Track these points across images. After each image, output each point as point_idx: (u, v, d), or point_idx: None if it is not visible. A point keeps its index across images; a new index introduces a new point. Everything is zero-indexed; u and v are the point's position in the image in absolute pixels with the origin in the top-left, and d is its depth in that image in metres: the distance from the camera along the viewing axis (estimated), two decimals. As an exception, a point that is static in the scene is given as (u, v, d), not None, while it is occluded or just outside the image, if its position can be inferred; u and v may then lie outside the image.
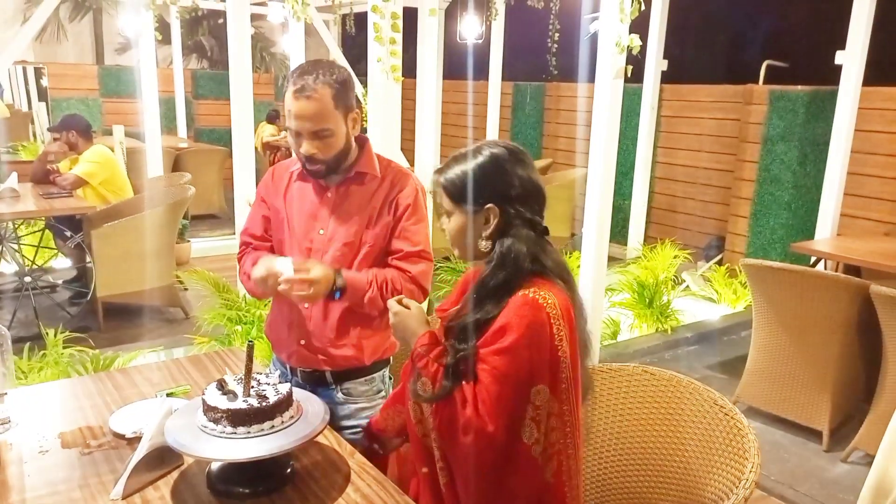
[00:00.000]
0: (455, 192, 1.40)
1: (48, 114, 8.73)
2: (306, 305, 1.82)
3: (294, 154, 1.84)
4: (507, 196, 1.37)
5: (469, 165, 1.39)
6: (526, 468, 1.30)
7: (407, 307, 1.46)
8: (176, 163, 7.45)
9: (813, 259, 4.31)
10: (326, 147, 1.74)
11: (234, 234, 5.09)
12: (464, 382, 1.30)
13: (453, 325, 1.39)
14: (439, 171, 1.44)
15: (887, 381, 2.96)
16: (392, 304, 1.48)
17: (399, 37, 3.17)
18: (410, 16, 3.76)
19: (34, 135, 8.66)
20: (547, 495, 1.34)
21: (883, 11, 4.37)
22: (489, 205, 1.37)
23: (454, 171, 1.40)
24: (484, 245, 1.39)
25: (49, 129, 5.26)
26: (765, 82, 6.16)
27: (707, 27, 7.82)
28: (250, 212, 2.01)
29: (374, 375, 1.90)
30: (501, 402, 1.26)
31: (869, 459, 1.86)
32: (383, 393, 1.92)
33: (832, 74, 4.67)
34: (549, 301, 1.29)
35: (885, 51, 4.54)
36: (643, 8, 3.55)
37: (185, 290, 4.93)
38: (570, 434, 1.35)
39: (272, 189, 1.94)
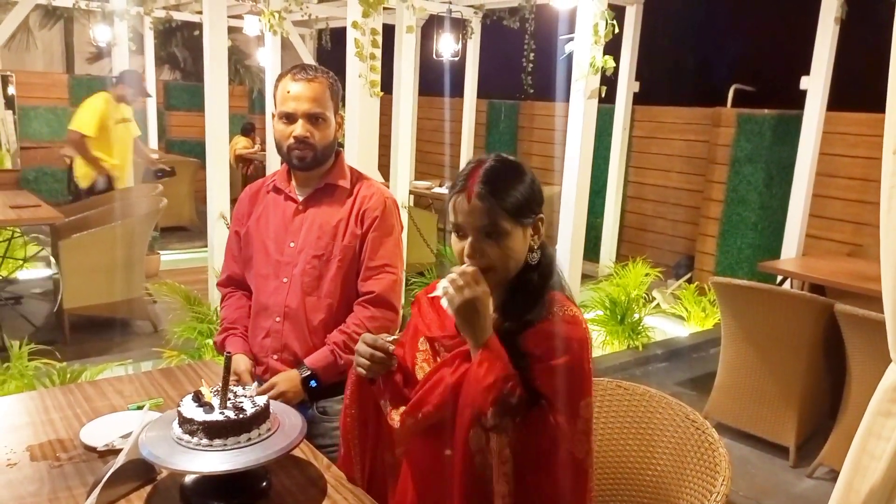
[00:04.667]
0: (518, 211, 1.30)
1: (15, 123, 8.55)
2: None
3: (280, 149, 1.80)
4: (542, 201, 1.36)
5: (523, 179, 1.32)
6: (583, 480, 1.29)
7: (479, 283, 1.25)
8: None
9: (779, 278, 4.41)
10: (319, 133, 1.75)
11: (205, 246, 5.04)
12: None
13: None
14: (484, 196, 1.27)
15: (851, 397, 3.03)
16: (474, 279, 1.25)
17: (378, 52, 3.20)
18: (387, 32, 3.80)
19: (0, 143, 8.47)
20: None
21: (846, 39, 4.52)
22: (541, 213, 1.34)
23: (515, 190, 1.30)
24: (533, 256, 1.34)
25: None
26: (733, 105, 6.32)
27: (678, 51, 8.01)
28: (227, 246, 1.98)
29: None
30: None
31: (834, 475, 1.91)
32: None
33: (797, 99, 4.80)
34: (580, 316, 1.33)
35: (848, 77, 4.69)
36: (616, 31, 3.64)
37: (155, 302, 4.86)
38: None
39: (246, 207, 1.93)
